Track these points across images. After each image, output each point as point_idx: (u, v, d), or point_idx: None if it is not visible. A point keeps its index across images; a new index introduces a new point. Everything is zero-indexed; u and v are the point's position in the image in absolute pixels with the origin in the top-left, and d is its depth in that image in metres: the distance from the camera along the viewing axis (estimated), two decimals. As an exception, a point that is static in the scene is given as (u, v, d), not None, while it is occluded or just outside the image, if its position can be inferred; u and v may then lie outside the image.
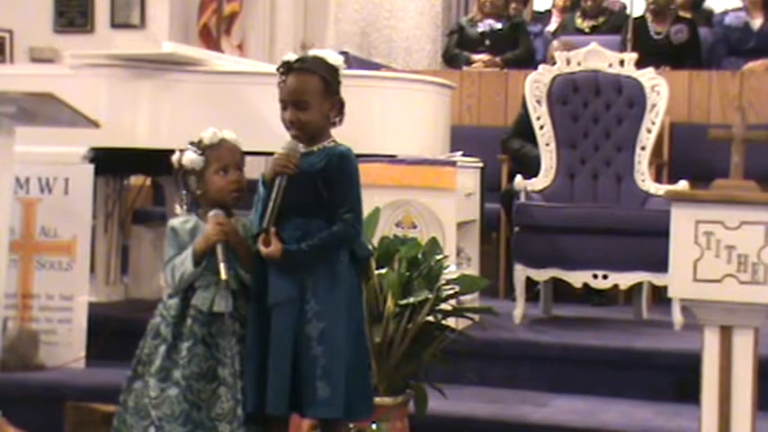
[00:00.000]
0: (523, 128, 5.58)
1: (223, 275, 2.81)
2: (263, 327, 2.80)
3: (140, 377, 2.89)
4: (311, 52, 2.89)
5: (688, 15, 7.33)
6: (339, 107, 2.87)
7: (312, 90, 2.80)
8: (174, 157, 2.98)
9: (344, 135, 2.90)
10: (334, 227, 2.80)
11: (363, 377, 2.89)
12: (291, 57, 2.85)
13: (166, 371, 2.84)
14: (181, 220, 2.96)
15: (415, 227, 4.31)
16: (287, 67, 2.83)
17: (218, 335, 2.85)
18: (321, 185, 2.79)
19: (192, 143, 2.96)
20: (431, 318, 3.32)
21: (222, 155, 2.92)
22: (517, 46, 7.29)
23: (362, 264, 2.95)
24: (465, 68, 7.09)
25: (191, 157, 2.93)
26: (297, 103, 2.80)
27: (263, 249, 2.77)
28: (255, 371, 2.80)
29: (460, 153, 4.64)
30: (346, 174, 2.82)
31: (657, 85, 5.10)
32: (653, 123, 5.07)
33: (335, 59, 2.87)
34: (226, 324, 2.85)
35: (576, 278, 4.74)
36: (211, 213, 2.89)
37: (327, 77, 2.83)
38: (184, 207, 2.97)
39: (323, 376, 2.76)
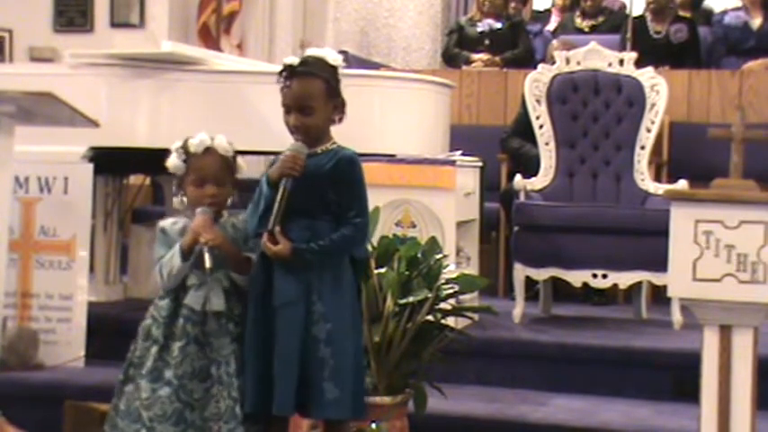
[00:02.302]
0: (523, 127, 5.58)
1: (208, 264, 2.80)
2: (264, 327, 2.79)
3: (131, 380, 2.87)
4: (309, 51, 2.86)
5: (687, 15, 7.33)
6: (341, 107, 2.86)
7: (316, 94, 2.78)
8: (172, 152, 2.96)
9: (344, 135, 2.89)
10: (344, 230, 2.79)
11: (363, 378, 2.92)
12: (294, 60, 2.81)
13: (158, 371, 2.82)
14: (170, 221, 2.95)
15: (414, 226, 4.31)
16: (290, 71, 2.79)
17: (211, 334, 2.84)
18: (329, 188, 2.79)
19: (181, 145, 2.92)
20: (430, 317, 3.32)
21: (202, 166, 2.88)
22: (516, 45, 7.28)
23: (360, 266, 2.94)
24: (464, 68, 7.09)
25: (173, 162, 2.92)
26: (302, 109, 2.78)
27: (270, 248, 2.75)
28: (257, 371, 2.78)
29: (460, 152, 4.63)
30: (356, 178, 2.82)
31: (657, 85, 5.10)
32: (652, 123, 5.07)
33: (335, 59, 2.85)
34: (220, 323, 2.84)
35: (576, 277, 4.74)
36: (199, 210, 2.88)
37: (330, 80, 2.81)
38: (183, 200, 2.95)
39: (331, 377, 2.76)
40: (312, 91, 2.78)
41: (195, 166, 2.89)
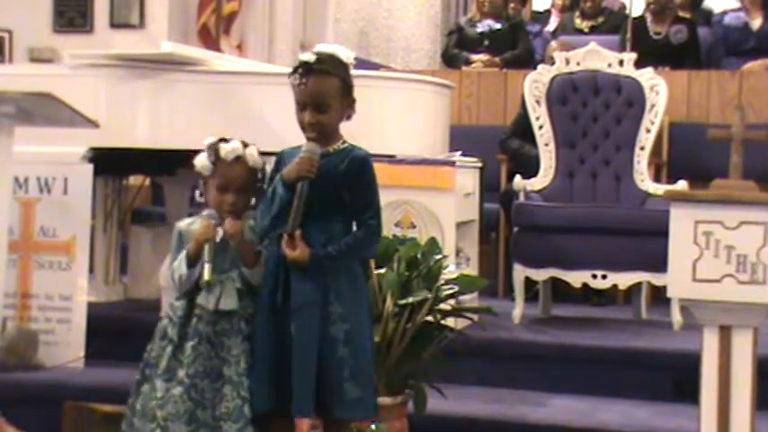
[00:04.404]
0: (522, 128, 5.59)
1: (206, 276, 2.80)
2: (277, 328, 2.78)
3: (148, 380, 2.87)
4: (321, 47, 2.83)
5: (687, 15, 7.34)
6: (353, 106, 2.85)
7: (332, 92, 2.77)
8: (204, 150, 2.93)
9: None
10: (359, 232, 2.79)
11: (373, 377, 2.91)
12: (310, 57, 2.77)
13: (172, 371, 2.83)
14: (187, 221, 2.95)
15: (414, 227, 4.31)
16: (306, 69, 2.77)
17: (223, 334, 2.83)
18: (343, 188, 2.78)
19: (211, 145, 2.90)
20: (430, 318, 3.32)
21: (228, 174, 2.86)
22: (516, 46, 7.28)
23: (365, 264, 2.95)
24: (464, 68, 7.09)
25: (202, 161, 2.90)
26: (317, 106, 2.76)
27: (289, 253, 2.73)
28: (268, 372, 2.78)
29: (459, 153, 4.64)
30: (370, 179, 2.82)
31: (656, 85, 5.10)
32: (652, 123, 5.08)
33: (347, 56, 2.83)
34: (232, 323, 2.84)
35: (576, 278, 4.74)
36: (204, 213, 2.88)
37: (345, 78, 2.80)
38: (201, 198, 2.95)
39: (351, 377, 2.76)
40: (328, 89, 2.77)
41: (222, 172, 2.87)
